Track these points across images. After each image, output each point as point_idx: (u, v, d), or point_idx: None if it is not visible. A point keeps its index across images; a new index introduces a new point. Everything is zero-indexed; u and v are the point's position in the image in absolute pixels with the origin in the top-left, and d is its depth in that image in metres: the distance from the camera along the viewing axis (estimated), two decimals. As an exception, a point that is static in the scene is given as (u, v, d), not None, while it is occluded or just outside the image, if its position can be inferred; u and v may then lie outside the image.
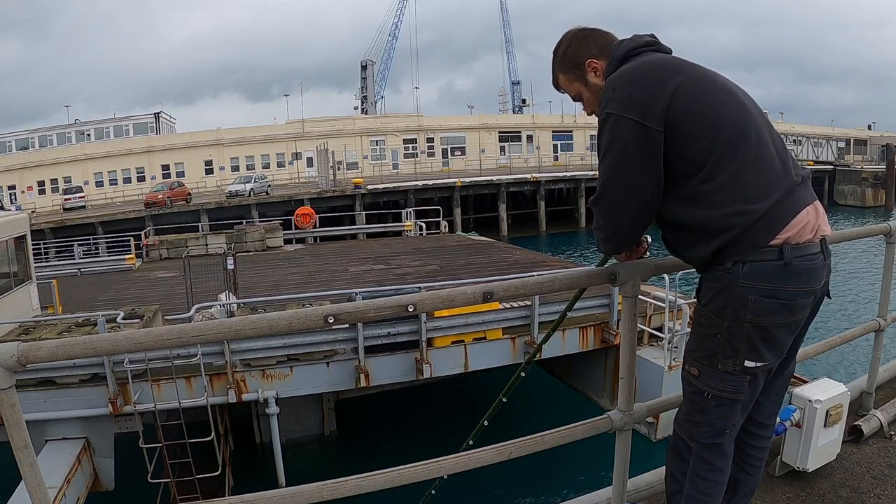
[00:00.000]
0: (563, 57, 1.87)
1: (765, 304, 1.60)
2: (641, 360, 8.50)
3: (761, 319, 1.61)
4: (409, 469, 1.75)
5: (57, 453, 7.17)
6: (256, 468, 9.31)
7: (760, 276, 1.59)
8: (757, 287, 1.59)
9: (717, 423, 1.77)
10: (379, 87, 73.12)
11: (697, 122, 1.59)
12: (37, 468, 1.43)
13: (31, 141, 50.48)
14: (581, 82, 1.86)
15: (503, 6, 76.51)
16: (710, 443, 1.80)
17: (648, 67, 1.67)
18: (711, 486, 1.82)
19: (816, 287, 1.65)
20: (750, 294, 1.60)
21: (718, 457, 1.81)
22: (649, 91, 1.60)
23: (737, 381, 1.70)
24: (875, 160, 51.29)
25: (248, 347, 7.94)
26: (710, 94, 1.64)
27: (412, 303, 1.59)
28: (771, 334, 1.65)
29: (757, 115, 1.68)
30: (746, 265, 1.59)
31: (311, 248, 21.24)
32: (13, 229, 10.59)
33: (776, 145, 1.67)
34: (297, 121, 52.67)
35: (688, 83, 1.62)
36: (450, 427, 10.44)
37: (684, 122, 1.59)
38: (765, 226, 1.56)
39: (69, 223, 29.36)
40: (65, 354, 1.37)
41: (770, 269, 1.58)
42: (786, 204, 1.58)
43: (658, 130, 1.58)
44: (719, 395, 1.73)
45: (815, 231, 1.62)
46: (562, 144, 58.21)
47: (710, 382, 1.73)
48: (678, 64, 1.70)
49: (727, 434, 1.78)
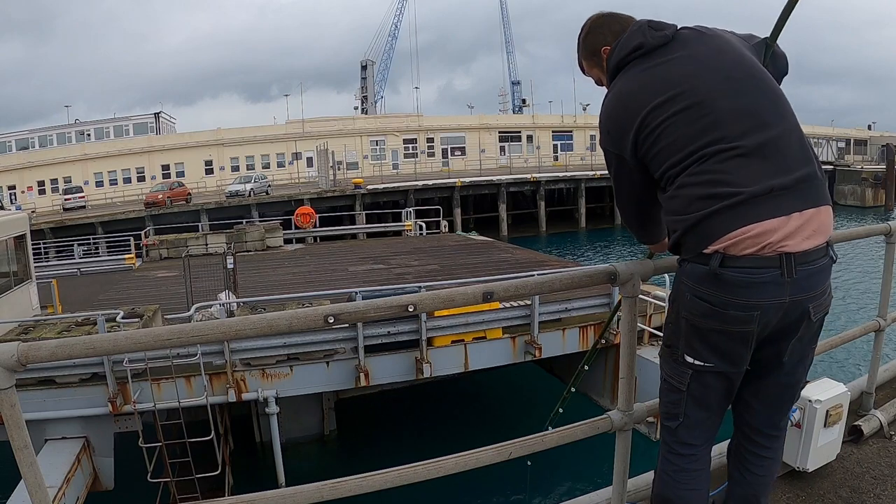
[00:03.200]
0: (584, 44, 1.96)
1: (696, 305, 1.69)
2: (641, 360, 8.49)
3: (694, 319, 1.71)
4: (409, 469, 1.75)
5: (57, 453, 7.17)
6: (256, 468, 9.31)
7: (692, 277, 1.69)
8: (690, 286, 1.70)
9: (671, 408, 1.87)
10: (379, 88, 73.18)
11: (662, 150, 1.70)
12: (36, 468, 1.43)
13: (31, 141, 50.47)
14: (599, 69, 1.93)
15: (503, 6, 76.64)
16: (666, 424, 1.90)
17: (619, 100, 1.79)
18: (676, 472, 1.87)
19: (761, 302, 1.61)
20: (686, 291, 1.71)
21: (676, 442, 1.88)
22: (619, 129, 1.77)
23: (680, 372, 1.80)
24: (875, 160, 51.32)
25: (248, 347, 7.95)
26: (677, 116, 1.67)
27: (412, 303, 1.59)
28: (706, 336, 1.71)
29: (745, 113, 1.64)
30: (687, 264, 1.72)
31: (311, 248, 21.25)
32: (13, 229, 10.59)
33: (763, 150, 1.61)
34: (297, 121, 52.67)
35: (653, 112, 1.69)
36: (450, 427, 10.48)
37: (650, 151, 1.73)
38: (697, 234, 1.64)
39: (69, 223, 29.35)
40: (65, 354, 1.37)
41: (701, 272, 1.66)
42: (729, 215, 1.58)
43: (634, 161, 1.78)
44: (667, 380, 1.86)
45: (773, 245, 1.57)
46: (562, 144, 58.23)
47: (664, 365, 1.87)
48: (650, 83, 1.72)
49: (682, 422, 1.84)
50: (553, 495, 8.68)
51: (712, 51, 1.72)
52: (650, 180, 1.79)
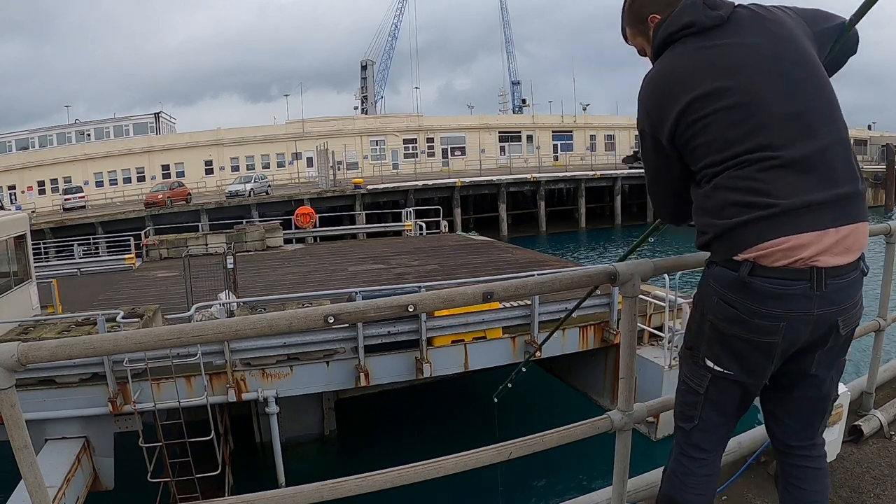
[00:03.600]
0: (630, 10, 1.85)
1: (722, 309, 1.65)
2: (641, 360, 8.49)
3: (719, 323, 1.67)
4: (409, 469, 1.75)
5: (57, 453, 7.17)
6: (256, 468, 9.31)
7: (720, 281, 1.65)
8: (718, 290, 1.66)
9: (686, 409, 1.84)
10: (379, 88, 73.18)
11: (702, 146, 1.63)
12: (36, 468, 1.43)
13: (31, 141, 50.48)
14: (644, 38, 1.83)
15: (503, 6, 76.60)
16: (680, 425, 1.87)
17: (663, 80, 1.68)
18: (685, 475, 1.85)
19: (788, 314, 1.58)
20: (713, 294, 1.67)
21: (689, 445, 1.85)
22: (661, 111, 1.67)
23: (700, 374, 1.77)
24: (875, 160, 51.25)
25: (248, 347, 7.95)
26: (722, 113, 1.58)
27: (412, 303, 1.59)
28: (729, 343, 1.68)
29: (795, 119, 1.55)
30: (716, 267, 1.67)
31: (311, 248, 21.25)
32: (13, 229, 10.60)
33: (807, 162, 1.55)
34: (297, 121, 52.67)
35: (697, 101, 1.59)
36: (450, 427, 10.47)
37: (689, 143, 1.65)
38: (729, 240, 1.60)
39: (69, 223, 29.36)
40: (65, 354, 1.37)
41: (730, 278, 1.62)
42: (763, 225, 1.54)
43: (671, 148, 1.70)
44: (686, 382, 1.83)
45: (806, 260, 1.54)
46: (562, 144, 58.24)
47: (683, 366, 1.85)
48: (698, 68, 1.61)
49: (696, 425, 1.82)
50: (553, 495, 8.67)
51: (769, 40, 1.60)
52: (686, 169, 1.72)
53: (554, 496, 8.64)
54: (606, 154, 54.93)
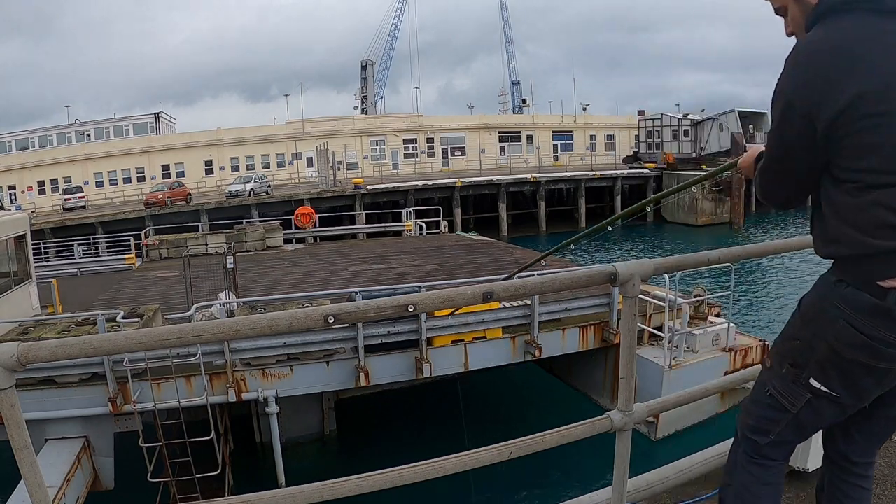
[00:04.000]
0: None
1: (848, 334, 1.51)
2: (641, 360, 8.50)
3: (840, 347, 1.53)
4: (409, 469, 1.75)
5: (57, 453, 7.17)
6: (256, 468, 9.31)
7: (853, 305, 1.50)
8: (846, 314, 1.51)
9: (763, 423, 1.74)
10: (379, 88, 73.17)
11: (863, 148, 1.42)
12: (36, 468, 1.43)
13: (31, 141, 50.45)
14: None
15: (503, 6, 76.63)
16: (751, 438, 1.78)
17: (842, 53, 1.41)
18: (755, 484, 1.78)
19: None
20: (840, 318, 1.52)
21: (758, 457, 1.77)
22: (830, 90, 1.40)
23: (797, 393, 1.65)
24: None
25: (248, 347, 7.95)
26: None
27: (412, 303, 1.59)
28: (846, 367, 1.55)
29: None
30: (849, 288, 1.51)
31: (311, 248, 21.24)
32: (13, 229, 10.60)
33: None
34: (297, 121, 52.69)
35: (871, 94, 1.37)
36: (450, 427, 10.46)
37: (845, 138, 1.43)
38: (878, 263, 1.45)
39: (69, 223, 29.34)
40: (65, 354, 1.37)
41: (868, 303, 1.48)
42: None
43: (823, 135, 1.45)
44: (776, 397, 1.70)
45: None
46: (562, 144, 58.27)
47: (774, 379, 1.71)
48: (880, 52, 1.39)
49: (771, 439, 1.74)
50: (553, 495, 8.67)
51: None
52: (822, 159, 1.49)
53: (554, 496, 8.64)
54: (606, 154, 54.95)
